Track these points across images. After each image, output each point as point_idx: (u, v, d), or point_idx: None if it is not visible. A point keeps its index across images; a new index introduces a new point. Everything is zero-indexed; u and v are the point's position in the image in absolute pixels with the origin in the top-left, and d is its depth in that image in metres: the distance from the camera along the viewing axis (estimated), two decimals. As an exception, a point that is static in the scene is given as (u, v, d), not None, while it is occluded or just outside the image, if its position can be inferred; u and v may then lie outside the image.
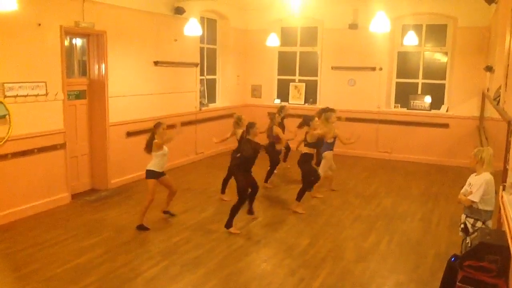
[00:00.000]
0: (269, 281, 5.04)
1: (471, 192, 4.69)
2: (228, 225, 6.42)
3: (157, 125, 6.47)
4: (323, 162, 8.11)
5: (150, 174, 6.46)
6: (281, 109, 9.28)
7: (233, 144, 8.09)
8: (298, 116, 11.67)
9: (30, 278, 4.95)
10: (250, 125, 6.61)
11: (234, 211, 6.42)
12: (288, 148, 9.60)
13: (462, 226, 4.84)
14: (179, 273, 5.19)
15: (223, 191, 7.84)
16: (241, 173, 6.52)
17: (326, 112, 8.20)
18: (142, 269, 5.25)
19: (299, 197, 7.33)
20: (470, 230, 4.72)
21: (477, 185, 4.67)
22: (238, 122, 7.73)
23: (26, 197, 6.86)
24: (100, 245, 5.89)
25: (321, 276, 5.16)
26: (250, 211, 6.98)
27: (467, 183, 4.84)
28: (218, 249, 5.87)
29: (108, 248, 5.79)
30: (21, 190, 6.77)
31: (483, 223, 4.67)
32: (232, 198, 7.38)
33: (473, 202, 4.68)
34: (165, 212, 6.97)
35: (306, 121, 7.47)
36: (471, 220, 4.74)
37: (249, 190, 6.65)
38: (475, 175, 4.77)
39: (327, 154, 8.08)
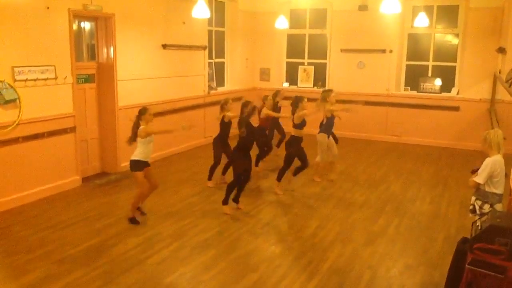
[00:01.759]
0: (278, 264, 5.08)
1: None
2: (225, 201, 6.50)
3: (143, 110, 5.98)
4: (318, 145, 7.87)
5: (135, 165, 5.99)
6: (276, 93, 9.18)
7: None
8: (307, 99, 11.63)
9: (43, 260, 5.04)
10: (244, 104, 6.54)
11: (229, 189, 6.48)
12: (283, 135, 9.48)
13: (471, 207, 4.84)
14: (189, 255, 5.24)
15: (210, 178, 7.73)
16: (240, 157, 6.44)
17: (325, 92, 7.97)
18: (153, 251, 5.31)
19: (279, 177, 7.29)
20: (478, 212, 4.71)
21: (482, 167, 4.62)
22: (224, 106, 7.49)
23: (37, 181, 6.94)
24: (111, 227, 5.96)
25: (330, 259, 5.18)
26: (236, 200, 6.69)
27: None
28: (227, 231, 5.91)
29: (119, 231, 5.85)
30: (32, 173, 6.84)
31: (491, 206, 4.63)
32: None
33: (478, 183, 4.65)
34: (138, 209, 6.32)
35: (295, 102, 7.24)
36: (479, 202, 4.71)
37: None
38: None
39: (319, 136, 7.80)
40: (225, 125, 7.40)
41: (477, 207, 4.71)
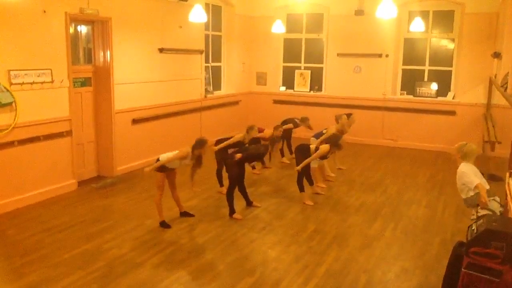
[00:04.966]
0: (274, 267, 5.07)
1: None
2: (231, 212, 6.51)
3: (203, 143, 6.18)
4: None
5: (159, 167, 6.11)
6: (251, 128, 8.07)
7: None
8: (304, 103, 11.78)
9: (38, 264, 5.01)
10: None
11: (229, 198, 6.54)
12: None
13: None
14: (185, 259, 5.23)
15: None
16: (236, 165, 6.55)
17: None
18: (149, 255, 5.29)
19: (300, 188, 7.21)
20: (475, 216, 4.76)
21: (465, 177, 4.93)
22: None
23: (33, 184, 6.91)
24: (107, 231, 5.94)
25: (326, 263, 5.18)
26: (249, 203, 6.94)
27: None
28: (223, 235, 5.90)
29: (115, 235, 5.84)
30: (27, 177, 6.82)
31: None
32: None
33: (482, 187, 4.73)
34: (184, 213, 6.58)
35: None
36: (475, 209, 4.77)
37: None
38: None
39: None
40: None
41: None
